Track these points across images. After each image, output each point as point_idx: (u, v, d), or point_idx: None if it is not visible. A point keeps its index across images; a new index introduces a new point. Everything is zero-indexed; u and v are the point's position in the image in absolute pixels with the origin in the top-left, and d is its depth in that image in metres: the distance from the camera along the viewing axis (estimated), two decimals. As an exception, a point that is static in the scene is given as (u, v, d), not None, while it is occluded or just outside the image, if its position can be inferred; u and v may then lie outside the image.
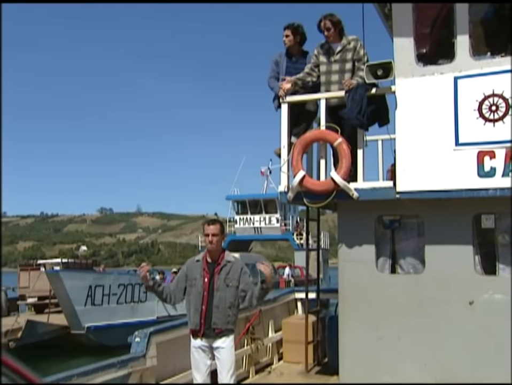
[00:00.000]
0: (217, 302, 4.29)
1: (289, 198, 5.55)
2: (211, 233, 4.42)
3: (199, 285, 4.33)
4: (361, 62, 5.59)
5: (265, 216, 32.60)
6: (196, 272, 4.39)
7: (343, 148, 5.25)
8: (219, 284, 4.31)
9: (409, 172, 5.04)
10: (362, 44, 5.64)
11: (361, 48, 5.62)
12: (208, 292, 4.31)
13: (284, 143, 5.70)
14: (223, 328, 4.29)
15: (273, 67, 6.31)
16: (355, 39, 5.66)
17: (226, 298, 4.29)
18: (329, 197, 5.28)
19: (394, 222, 5.46)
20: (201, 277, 4.34)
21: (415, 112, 5.06)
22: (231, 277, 4.34)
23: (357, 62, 5.63)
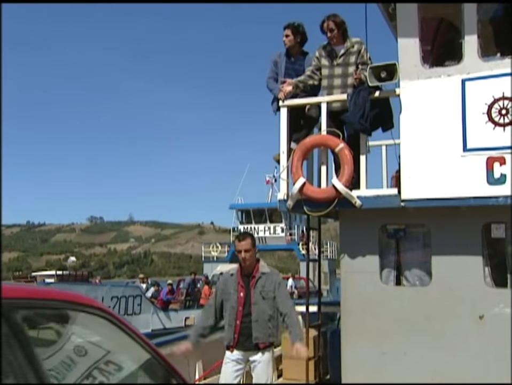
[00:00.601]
0: (256, 316, 4.39)
1: (288, 206, 5.58)
2: (243, 249, 4.52)
3: (233, 300, 4.44)
4: (365, 66, 5.62)
5: (269, 225, 33.00)
6: (230, 286, 4.51)
7: (345, 154, 5.29)
8: (255, 297, 4.42)
9: (414, 179, 5.07)
10: (366, 48, 5.69)
11: (365, 52, 5.68)
12: (243, 307, 4.42)
13: (283, 149, 5.74)
14: (266, 341, 4.40)
15: (272, 68, 6.35)
16: (359, 42, 5.71)
17: (265, 311, 4.40)
18: (330, 205, 5.31)
19: (399, 232, 5.48)
20: (235, 292, 4.46)
21: (421, 115, 5.10)
22: (267, 289, 4.44)
23: (360, 65, 5.67)
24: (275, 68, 6.32)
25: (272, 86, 6.26)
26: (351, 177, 5.31)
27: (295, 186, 5.47)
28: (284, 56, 6.30)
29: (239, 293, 4.44)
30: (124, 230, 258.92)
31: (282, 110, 5.80)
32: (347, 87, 5.67)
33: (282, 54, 6.32)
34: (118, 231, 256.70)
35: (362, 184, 5.38)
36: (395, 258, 5.51)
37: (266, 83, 6.35)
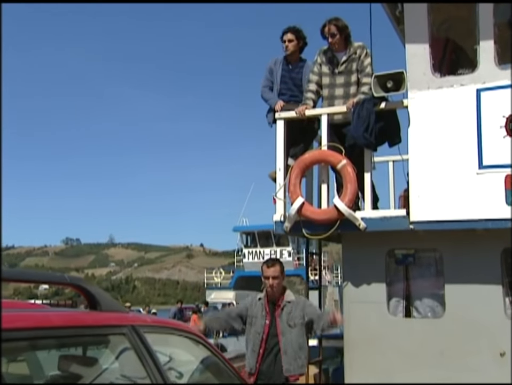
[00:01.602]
0: (284, 347, 4.56)
1: (285, 229, 5.59)
2: (271, 276, 4.73)
3: (259, 325, 4.64)
4: (363, 73, 5.72)
5: (276, 249, 33.43)
6: (257, 310, 4.71)
7: (348, 172, 5.32)
8: (282, 327, 4.61)
9: (424, 199, 5.10)
10: (368, 52, 5.77)
11: (366, 58, 5.75)
12: (267, 335, 4.60)
13: (279, 165, 5.77)
14: (297, 373, 4.58)
15: (267, 76, 6.42)
16: (360, 47, 5.78)
17: (293, 341, 4.58)
18: (332, 228, 5.32)
19: (408, 257, 5.49)
20: (262, 317, 4.66)
21: (431, 129, 5.15)
22: (293, 315, 4.63)
23: (360, 74, 5.75)
24: (270, 76, 6.39)
25: (268, 96, 6.32)
26: (355, 197, 5.34)
27: (293, 207, 5.48)
28: (281, 63, 6.36)
29: (265, 320, 4.64)
30: (104, 253, 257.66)
31: (279, 123, 5.84)
32: (350, 98, 5.72)
33: (279, 61, 6.39)
34: (97, 254, 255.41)
35: (367, 205, 5.41)
36: (404, 287, 5.51)
37: (261, 92, 6.42)
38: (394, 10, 5.99)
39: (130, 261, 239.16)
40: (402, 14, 5.58)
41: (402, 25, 5.60)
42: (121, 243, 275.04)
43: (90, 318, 2.51)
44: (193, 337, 3.16)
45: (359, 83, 5.74)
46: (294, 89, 6.32)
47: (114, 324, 2.57)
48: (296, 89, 6.32)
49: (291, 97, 6.28)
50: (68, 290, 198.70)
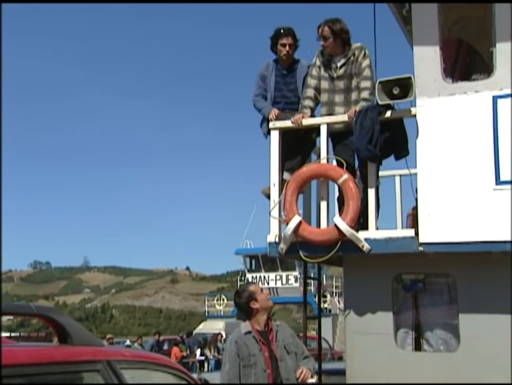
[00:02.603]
0: (286, 374, 4.56)
1: (281, 251, 5.60)
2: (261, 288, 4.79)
3: (261, 361, 4.56)
4: (361, 77, 5.78)
5: (281, 274, 33.71)
6: (253, 347, 4.61)
7: (350, 187, 5.35)
8: (280, 352, 4.60)
9: (435, 218, 5.12)
10: (367, 53, 5.84)
11: (364, 59, 5.81)
12: (271, 369, 4.55)
13: (274, 180, 5.80)
14: None
15: (259, 83, 6.48)
16: (358, 48, 5.86)
17: (292, 368, 4.59)
18: (332, 250, 5.34)
19: (417, 283, 5.50)
20: (261, 352, 4.57)
21: (442, 140, 5.19)
22: (287, 341, 4.66)
23: (357, 77, 5.81)
24: (263, 83, 6.44)
25: (261, 105, 6.37)
26: (358, 215, 5.36)
27: (289, 226, 5.50)
28: (273, 67, 6.42)
29: (264, 353, 4.59)
30: (77, 278, 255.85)
31: (273, 134, 5.88)
32: (351, 105, 5.78)
33: (271, 66, 6.45)
34: (70, 279, 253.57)
35: (371, 224, 5.43)
36: (413, 316, 5.52)
37: (253, 101, 6.47)
38: (401, 10, 6.06)
39: (107, 286, 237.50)
40: (409, 14, 5.63)
41: (410, 26, 5.66)
42: (96, 266, 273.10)
43: (60, 354, 2.49)
44: (176, 373, 3.17)
45: (359, 87, 5.80)
46: (290, 95, 6.37)
47: (86, 359, 2.56)
48: (292, 95, 6.37)
49: (286, 104, 6.33)
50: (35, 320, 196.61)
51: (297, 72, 6.39)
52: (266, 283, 33.19)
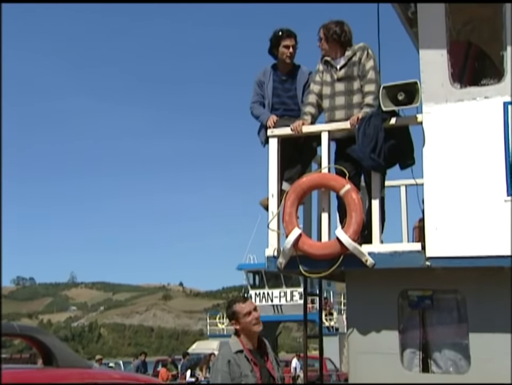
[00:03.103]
0: None
1: (279, 266, 5.61)
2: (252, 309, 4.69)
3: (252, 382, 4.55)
4: (365, 80, 5.81)
5: (286, 290, 33.78)
6: (245, 367, 4.59)
7: (352, 198, 5.37)
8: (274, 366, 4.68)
9: (443, 231, 5.13)
10: (371, 54, 5.87)
11: (368, 60, 5.84)
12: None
13: (272, 191, 5.82)
14: None
15: (256, 90, 6.52)
16: (361, 48, 5.90)
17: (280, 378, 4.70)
18: (334, 264, 5.34)
19: (425, 300, 5.50)
20: (252, 372, 4.56)
21: (450, 149, 5.21)
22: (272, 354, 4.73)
23: (361, 80, 5.84)
24: (260, 89, 6.47)
25: (258, 113, 6.40)
26: (361, 228, 5.37)
27: (289, 240, 5.51)
28: (271, 73, 6.45)
29: (256, 373, 4.56)
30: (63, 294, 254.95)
31: (271, 142, 5.91)
32: (353, 108, 5.81)
33: (269, 72, 6.48)
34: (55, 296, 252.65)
35: (375, 237, 5.43)
36: (421, 335, 5.52)
37: (251, 109, 6.51)
38: (406, 11, 6.07)
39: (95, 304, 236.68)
40: (415, 15, 5.65)
41: (416, 28, 5.68)
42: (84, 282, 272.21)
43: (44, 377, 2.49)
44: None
45: (362, 92, 5.82)
46: (289, 101, 6.40)
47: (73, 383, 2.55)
48: (291, 102, 6.39)
49: (285, 111, 6.36)
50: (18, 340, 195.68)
51: (297, 79, 6.43)
52: (270, 300, 33.50)
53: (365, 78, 5.80)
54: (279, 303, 33.60)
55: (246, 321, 4.60)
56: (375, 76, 5.79)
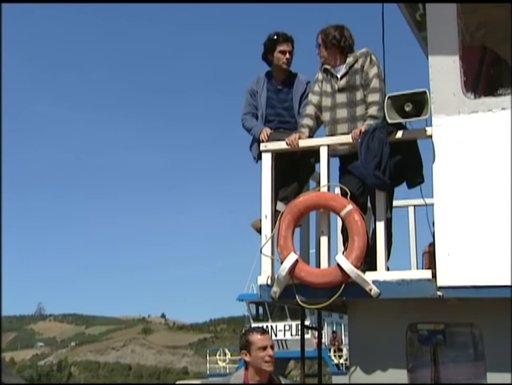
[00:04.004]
0: None
1: (273, 295, 5.62)
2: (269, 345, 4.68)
3: None
4: (368, 89, 5.88)
5: (291, 323, 33.77)
6: None
7: (355, 220, 5.40)
8: None
9: (456, 257, 5.14)
10: (374, 60, 5.95)
11: (371, 67, 5.92)
12: None
13: (265, 212, 5.85)
14: None
15: (248, 100, 6.58)
16: (363, 54, 5.98)
17: None
18: (335, 294, 5.35)
19: (436, 334, 5.49)
20: None
21: (463, 165, 5.24)
22: None
23: (364, 90, 5.91)
24: (253, 99, 6.53)
25: (251, 125, 6.47)
26: (364, 253, 5.39)
27: (284, 266, 5.52)
28: (265, 82, 6.52)
29: None
30: (29, 329, 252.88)
31: (265, 157, 5.93)
32: (357, 121, 5.88)
33: (262, 80, 6.54)
34: (20, 331, 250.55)
35: (380, 263, 5.45)
36: (432, 374, 5.50)
37: (242, 120, 6.57)
38: (414, 13, 6.11)
39: (65, 339, 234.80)
40: (424, 18, 5.70)
41: (425, 31, 5.73)
42: (53, 314, 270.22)
43: None
44: None
45: (365, 102, 5.89)
46: (284, 113, 6.46)
47: None
48: (287, 114, 6.46)
49: (280, 123, 6.43)
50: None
51: (294, 89, 6.51)
52: (274, 334, 33.47)
53: (368, 87, 5.87)
54: (283, 338, 33.64)
55: (258, 356, 4.58)
56: (380, 84, 5.86)
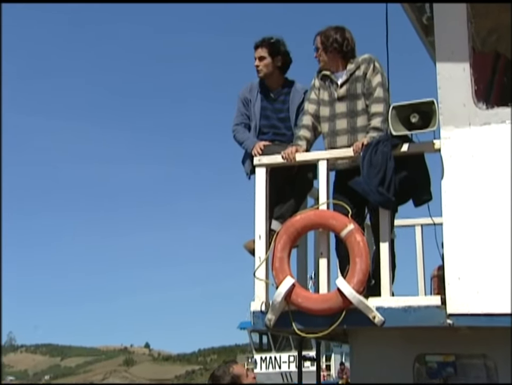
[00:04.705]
0: None
1: (268, 323, 5.60)
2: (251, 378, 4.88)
3: None
4: (371, 98, 5.92)
5: (295, 354, 33.45)
6: None
7: (357, 241, 5.40)
8: None
9: (467, 281, 5.13)
10: (378, 68, 5.99)
11: (375, 75, 5.96)
12: None
13: (259, 231, 5.85)
14: None
15: (240, 109, 6.60)
16: (366, 60, 6.02)
17: None
18: (335, 321, 5.34)
19: (447, 366, 5.50)
20: None
21: (474, 181, 5.24)
22: None
23: (367, 99, 5.95)
24: (245, 108, 6.54)
25: (243, 138, 6.48)
26: (367, 277, 5.40)
27: (279, 291, 5.52)
28: (258, 90, 6.55)
29: None
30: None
31: (259, 172, 5.94)
32: (357, 133, 5.92)
33: (255, 88, 6.56)
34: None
35: (385, 288, 5.45)
36: (442, 410, 5.50)
37: (233, 132, 6.59)
38: (421, 16, 6.14)
39: (38, 372, 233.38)
40: (431, 22, 5.72)
41: (432, 36, 5.76)
42: (25, 345, 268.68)
43: None
44: None
45: (368, 112, 5.92)
46: (279, 125, 6.49)
47: None
48: (282, 125, 6.49)
49: (274, 135, 6.45)
50: None
51: (291, 98, 6.53)
52: (277, 366, 33.57)
53: (371, 97, 5.91)
54: (288, 370, 33.46)
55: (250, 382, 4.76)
56: (384, 94, 5.90)
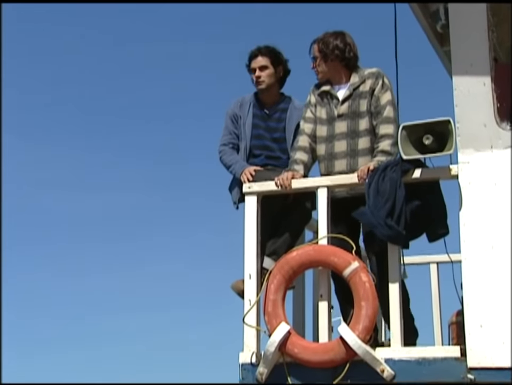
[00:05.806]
0: None
1: (259, 377, 5.52)
2: None
3: None
4: (380, 118, 5.90)
5: None
6: None
7: (362, 282, 5.35)
8: None
9: (491, 329, 5.09)
10: (387, 84, 5.99)
11: (384, 92, 5.95)
12: None
13: (249, 270, 5.79)
14: None
15: (229, 127, 6.55)
16: (373, 74, 6.01)
17: None
18: (338, 375, 5.29)
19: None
20: None
21: (498, 213, 5.20)
22: None
23: (375, 119, 5.94)
24: (234, 126, 6.47)
25: (230, 161, 6.42)
26: (374, 323, 5.37)
27: (273, 340, 5.46)
28: (250, 106, 6.48)
29: None
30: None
31: (249, 201, 5.87)
32: (358, 156, 5.91)
33: (247, 103, 6.50)
34: None
35: (395, 337, 5.39)
36: None
37: (220, 154, 6.53)
38: (434, 24, 6.13)
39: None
40: (446, 30, 5.70)
41: (448, 46, 5.74)
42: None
43: None
44: None
45: (376, 134, 5.90)
46: (274, 146, 6.46)
47: None
48: (276, 147, 6.45)
49: (267, 159, 6.42)
50: None
51: (288, 116, 6.50)
52: None
53: (379, 116, 5.88)
54: None
55: None
56: (394, 114, 5.89)
